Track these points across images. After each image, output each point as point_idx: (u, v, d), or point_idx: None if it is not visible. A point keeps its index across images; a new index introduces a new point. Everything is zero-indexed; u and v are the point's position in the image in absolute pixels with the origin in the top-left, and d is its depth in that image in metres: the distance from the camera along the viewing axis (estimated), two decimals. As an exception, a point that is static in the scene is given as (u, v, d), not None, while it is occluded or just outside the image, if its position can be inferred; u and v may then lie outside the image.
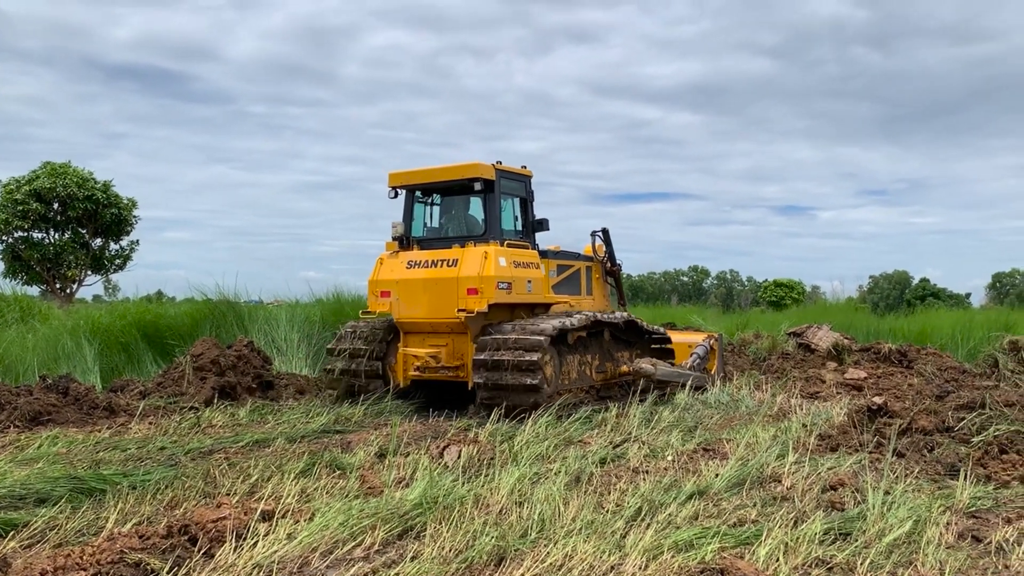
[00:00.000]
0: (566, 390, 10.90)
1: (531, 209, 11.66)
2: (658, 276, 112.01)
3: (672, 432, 8.79)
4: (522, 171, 11.58)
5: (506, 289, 10.39)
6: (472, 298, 10.18)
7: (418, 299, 10.70)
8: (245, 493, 6.03)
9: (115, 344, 13.84)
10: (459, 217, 11.67)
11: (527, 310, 11.13)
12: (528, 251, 11.17)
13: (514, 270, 10.58)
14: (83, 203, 33.37)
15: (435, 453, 7.49)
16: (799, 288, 55.41)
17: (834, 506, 5.76)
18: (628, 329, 12.38)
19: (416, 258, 10.91)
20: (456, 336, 10.73)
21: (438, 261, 10.66)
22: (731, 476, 6.46)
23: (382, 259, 11.26)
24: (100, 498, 5.85)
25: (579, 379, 11.17)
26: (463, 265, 10.37)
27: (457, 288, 10.31)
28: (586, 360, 11.39)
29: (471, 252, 10.43)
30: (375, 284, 11.09)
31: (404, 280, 10.80)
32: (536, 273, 11.06)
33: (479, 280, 10.16)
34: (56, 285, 34.95)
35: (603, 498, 5.93)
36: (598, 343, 11.73)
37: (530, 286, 10.86)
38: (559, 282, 12.04)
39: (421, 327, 10.92)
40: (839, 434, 8.30)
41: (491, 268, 10.20)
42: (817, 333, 15.88)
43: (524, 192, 11.60)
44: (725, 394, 11.74)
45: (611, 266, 13.34)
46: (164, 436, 8.46)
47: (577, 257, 12.77)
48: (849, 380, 13.49)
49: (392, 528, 5.09)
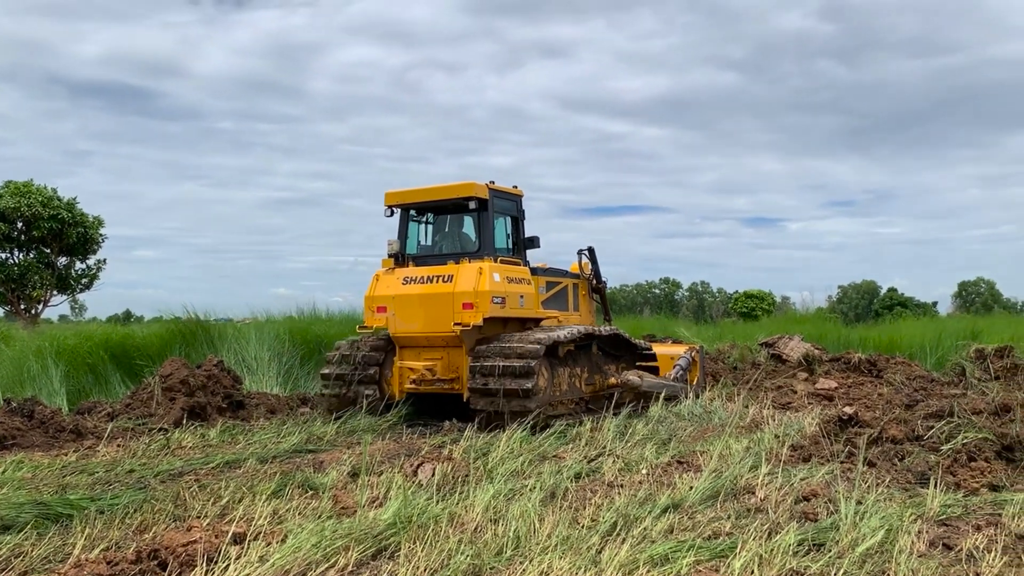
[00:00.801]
0: (557, 401, 11.17)
1: (522, 227, 12.05)
2: (630, 288, 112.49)
3: (646, 445, 8.80)
4: (514, 191, 11.97)
5: (500, 304, 10.73)
6: (468, 312, 10.50)
7: (414, 314, 11.02)
8: (216, 516, 5.94)
9: (82, 365, 13.62)
10: (453, 235, 11.98)
11: (519, 325, 11.41)
12: (520, 268, 11.55)
13: (507, 285, 10.93)
14: (48, 222, 32.91)
15: (409, 471, 7.44)
16: (769, 299, 55.94)
17: (807, 517, 5.79)
18: (615, 343, 12.68)
19: (412, 274, 11.24)
20: (451, 349, 11.02)
21: (434, 277, 11.00)
22: (705, 488, 6.48)
23: (378, 275, 11.55)
24: (67, 523, 5.74)
25: (569, 391, 11.47)
26: (458, 280, 10.70)
27: (453, 302, 10.63)
28: (576, 372, 11.71)
29: (466, 268, 10.78)
30: (372, 300, 11.38)
31: (400, 295, 11.12)
32: (528, 289, 11.43)
33: (474, 295, 10.50)
34: (21, 306, 34.38)
35: (578, 513, 5.92)
36: (587, 356, 12.05)
37: (522, 301, 11.24)
38: (548, 298, 12.44)
39: (417, 341, 11.23)
40: (811, 444, 8.36)
41: (486, 283, 10.56)
42: (788, 344, 16.01)
43: (516, 211, 11.98)
44: (698, 406, 11.78)
45: (597, 283, 13.69)
46: (133, 459, 8.33)
47: (565, 274, 13.16)
48: (820, 390, 13.61)
49: (366, 548, 5.03)
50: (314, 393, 13.71)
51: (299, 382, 15.04)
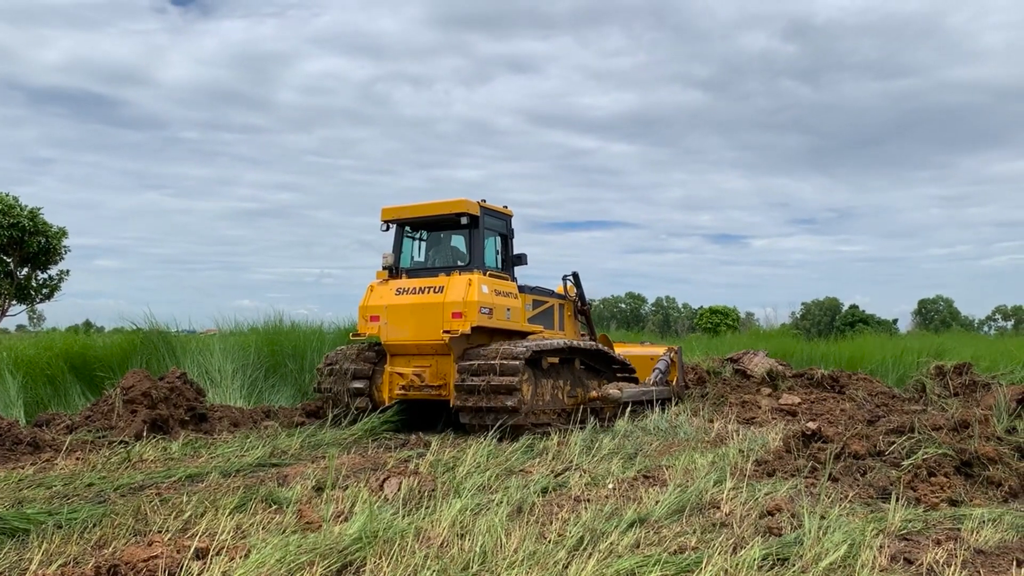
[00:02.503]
0: (540, 411, 11.48)
1: (511, 245, 12.69)
2: (597, 303, 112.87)
3: (613, 460, 8.82)
4: (504, 210, 12.63)
5: (487, 314, 11.27)
6: (457, 321, 11.04)
7: (405, 322, 11.60)
8: (178, 530, 5.84)
9: (40, 376, 13.36)
10: (445, 249, 12.61)
11: (506, 337, 11.84)
12: (508, 282, 12.17)
13: (495, 298, 11.49)
14: (7, 231, 32.29)
15: (375, 486, 7.38)
16: (734, 315, 56.44)
17: (772, 531, 5.83)
18: (597, 358, 13.20)
19: (404, 285, 11.85)
20: (440, 357, 11.56)
21: (425, 288, 11.60)
22: (671, 503, 6.50)
23: (372, 286, 12.17)
24: (23, 539, 5.61)
25: (552, 402, 11.89)
26: (449, 291, 11.29)
27: (443, 312, 11.20)
28: (559, 385, 12.16)
29: (456, 279, 11.39)
30: (365, 309, 11.99)
31: (393, 305, 11.73)
32: (515, 303, 12.00)
33: (464, 304, 11.05)
34: (-23, 315, 33.64)
35: (545, 528, 5.91)
36: (569, 370, 12.54)
37: (509, 314, 11.78)
38: (534, 315, 12.94)
39: (407, 349, 11.78)
40: (775, 459, 8.44)
41: (475, 293, 11.12)
42: (753, 359, 16.14)
43: (505, 229, 12.64)
44: (664, 420, 11.85)
45: (582, 305, 14.28)
46: (92, 472, 8.17)
47: (552, 294, 13.76)
48: (784, 405, 13.74)
49: (331, 564, 4.97)
50: (278, 406, 13.59)
51: (263, 395, 14.87)
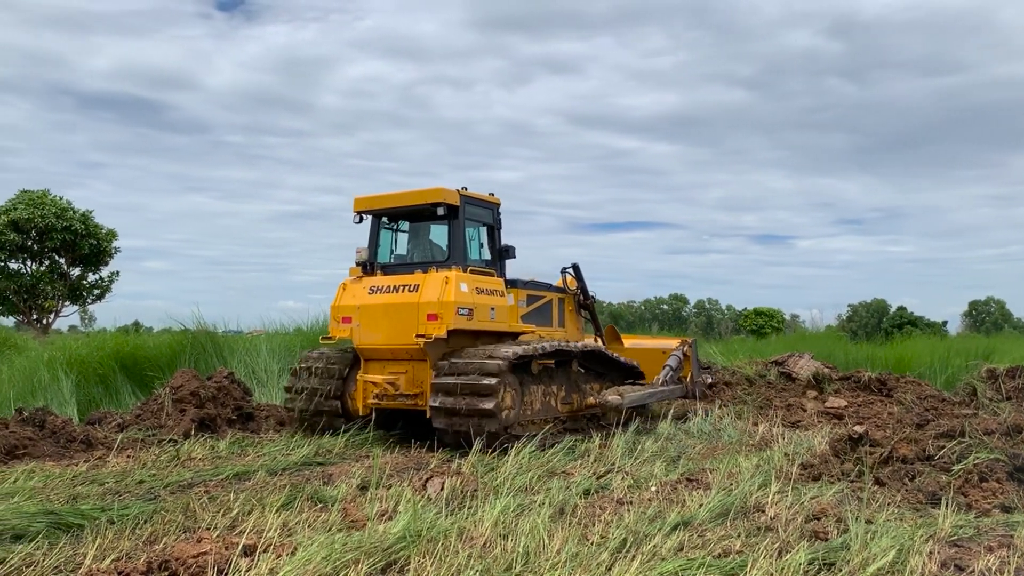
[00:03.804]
0: (528, 421, 10.50)
1: (498, 237, 11.52)
2: (638, 304, 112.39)
3: (655, 462, 8.78)
4: (489, 198, 11.44)
5: (466, 315, 10.19)
6: (432, 324, 9.99)
7: (378, 325, 10.52)
8: (226, 527, 5.95)
9: (93, 376, 13.68)
10: (423, 243, 11.50)
11: (494, 339, 10.77)
12: (493, 279, 10.97)
13: (476, 297, 10.37)
14: (61, 233, 33.13)
15: (418, 485, 7.45)
16: (779, 317, 55.77)
17: (817, 536, 5.77)
18: (596, 360, 12.06)
19: (378, 283, 10.77)
20: (416, 363, 10.53)
21: (399, 286, 10.51)
22: (715, 506, 6.46)
23: (345, 284, 11.13)
24: (78, 533, 5.76)
25: (543, 410, 10.87)
26: (424, 290, 10.20)
27: (417, 313, 10.13)
28: (551, 391, 11.11)
29: (432, 277, 10.27)
30: (337, 310, 10.96)
31: (365, 306, 10.65)
32: (500, 301, 10.83)
33: (439, 305, 9.99)
34: (32, 316, 34.55)
35: (588, 530, 5.91)
36: (565, 373, 11.47)
37: (493, 314, 10.63)
38: (529, 312, 11.86)
39: (381, 353, 10.75)
40: (821, 463, 8.33)
41: (451, 293, 10.03)
42: (799, 362, 15.96)
43: (491, 219, 11.48)
44: (707, 423, 11.76)
45: (584, 299, 13.12)
46: (143, 469, 8.35)
47: (549, 288, 12.56)
48: (830, 409, 13.57)
49: (376, 562, 5.03)
50: None
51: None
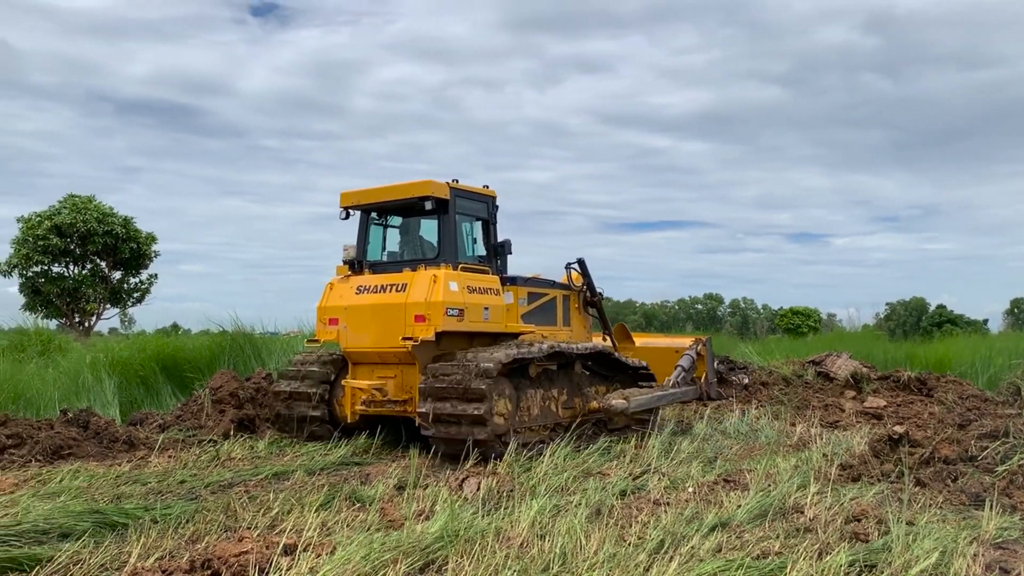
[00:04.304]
0: (526, 428, 9.79)
1: (494, 232, 10.89)
2: (672, 304, 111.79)
3: (692, 463, 8.75)
4: (483, 191, 10.85)
5: (457, 316, 9.56)
6: (419, 325, 9.40)
7: (366, 326, 9.94)
8: (266, 527, 6.04)
9: (134, 377, 13.90)
10: (413, 240, 10.88)
11: (490, 341, 10.08)
12: (487, 276, 10.31)
13: (467, 296, 9.73)
14: (103, 238, 33.73)
15: (454, 485, 7.49)
16: (815, 316, 55.13)
17: (858, 537, 5.71)
18: (599, 361, 11.30)
19: (366, 283, 10.16)
20: (405, 367, 9.92)
21: (387, 286, 9.91)
22: (753, 507, 6.42)
23: (332, 284, 10.53)
24: (122, 532, 5.87)
25: (542, 416, 10.15)
26: (412, 290, 9.61)
27: (405, 314, 9.53)
28: (551, 395, 10.40)
29: (420, 276, 9.68)
30: (323, 311, 10.38)
31: (352, 307, 10.07)
32: (495, 300, 10.15)
33: (426, 306, 9.39)
34: (75, 318, 35.22)
35: (625, 531, 5.90)
36: (567, 376, 10.74)
37: (487, 314, 9.96)
38: (530, 311, 11.17)
39: (369, 357, 10.16)
40: (860, 464, 8.23)
41: (440, 293, 9.42)
42: (836, 361, 15.80)
43: (486, 213, 10.84)
44: (744, 424, 11.68)
45: (591, 296, 12.35)
46: (184, 469, 8.48)
47: (552, 285, 11.82)
48: (868, 408, 13.42)
49: (414, 562, 5.07)
50: None
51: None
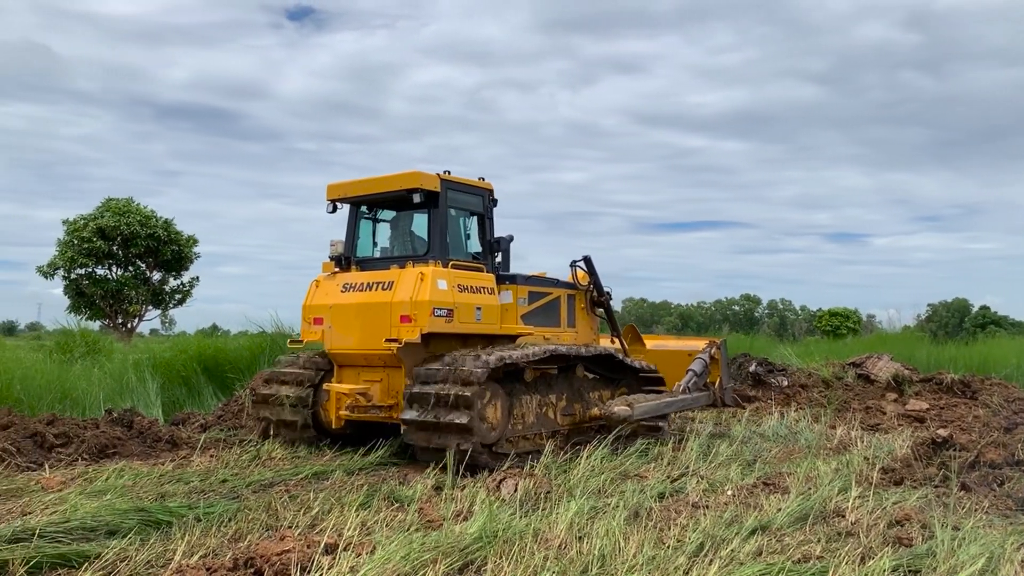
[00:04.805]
0: (519, 436, 9.28)
1: (490, 227, 10.30)
2: (708, 305, 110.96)
3: (731, 466, 8.69)
4: (479, 183, 10.25)
5: (445, 316, 9.04)
6: (405, 326, 8.90)
7: (351, 327, 9.45)
8: (307, 526, 6.11)
9: (176, 378, 14.14)
10: (403, 235, 10.36)
11: (485, 342, 9.54)
12: (481, 274, 9.77)
13: (458, 295, 9.21)
14: (145, 240, 34.34)
15: (492, 486, 7.51)
16: (855, 317, 54.31)
17: (901, 542, 5.63)
18: (604, 364, 10.72)
19: (353, 280, 9.69)
20: (392, 371, 9.42)
21: (374, 284, 9.43)
22: (793, 510, 6.37)
23: (318, 281, 10.06)
24: (167, 530, 5.97)
25: (538, 423, 9.63)
26: (398, 288, 9.12)
27: (390, 314, 9.04)
28: (549, 401, 9.85)
29: (407, 274, 9.18)
30: (308, 310, 9.92)
31: (338, 305, 9.61)
32: (489, 300, 9.60)
33: (412, 305, 8.88)
34: (118, 320, 35.88)
35: (663, 533, 5.88)
36: (567, 381, 10.19)
37: (479, 314, 9.42)
38: (531, 312, 10.57)
39: (354, 359, 9.68)
40: (903, 467, 8.13)
41: (426, 292, 8.91)
42: (877, 363, 15.61)
43: (481, 207, 10.26)
44: (783, 426, 11.58)
45: (598, 296, 11.66)
46: (225, 469, 8.60)
47: (556, 284, 11.17)
48: (911, 411, 13.23)
49: (453, 562, 5.10)
50: None
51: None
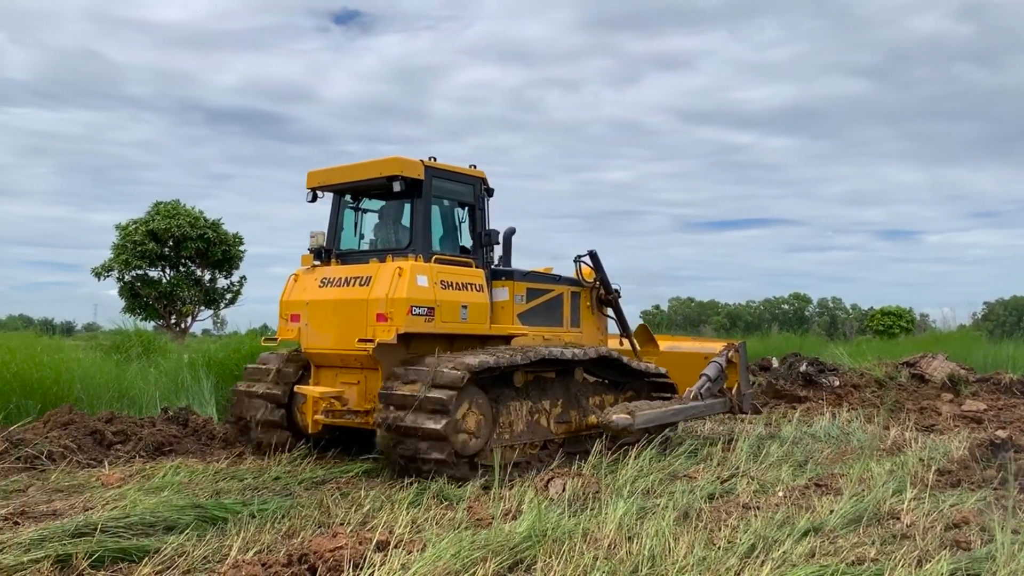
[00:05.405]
0: (506, 445, 8.62)
1: (483, 219, 9.58)
2: (757, 304, 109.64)
3: (781, 467, 8.60)
4: (469, 171, 9.54)
5: (425, 315, 8.39)
6: (381, 326, 8.29)
7: (327, 325, 8.89)
8: (358, 523, 6.20)
9: (229, 377, 14.34)
10: (388, 226, 9.69)
11: (475, 343, 8.94)
12: (468, 270, 9.09)
13: (440, 292, 8.54)
14: (196, 242, 35.05)
15: (540, 485, 7.53)
16: (908, 316, 53.23)
17: (959, 545, 5.53)
18: (606, 367, 9.97)
19: (331, 275, 9.08)
20: (370, 373, 8.78)
21: (351, 279, 8.83)
22: (846, 512, 6.29)
23: (297, 275, 9.50)
24: (222, 526, 6.09)
25: (529, 432, 8.94)
26: (375, 284, 8.50)
27: (367, 312, 8.44)
28: (541, 407, 9.14)
29: (385, 268, 8.57)
30: (285, 305, 9.36)
31: (314, 302, 9.03)
32: (476, 297, 8.95)
33: (388, 303, 8.27)
34: (172, 320, 36.65)
35: (714, 534, 5.85)
36: (564, 386, 9.48)
37: (465, 313, 8.78)
38: (529, 310, 9.85)
39: (331, 360, 9.08)
40: (960, 469, 7.98)
41: (403, 288, 8.27)
42: (932, 363, 15.31)
43: (471, 197, 9.54)
44: (835, 427, 11.42)
45: (606, 294, 10.80)
46: (278, 466, 8.73)
47: (557, 280, 10.37)
48: (967, 412, 12.96)
49: (503, 560, 5.13)
50: None
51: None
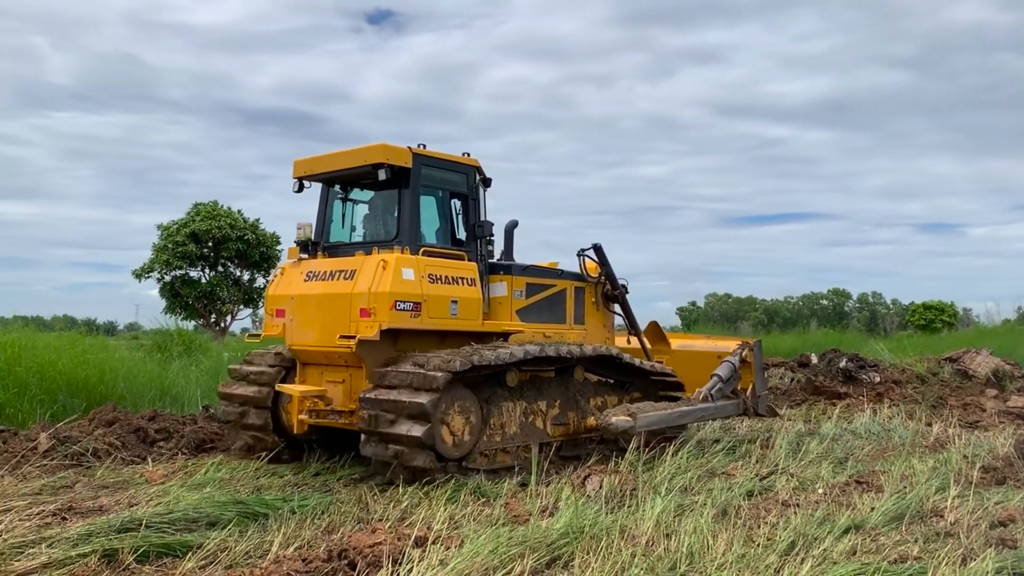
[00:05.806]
0: (497, 449, 8.31)
1: (478, 210, 9.21)
2: (795, 300, 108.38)
3: (821, 464, 8.51)
4: (462, 159, 9.15)
5: (411, 311, 8.03)
6: (364, 321, 7.93)
7: (312, 320, 8.53)
8: (397, 519, 6.26)
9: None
10: (376, 217, 9.34)
11: (473, 341, 8.50)
12: (459, 263, 8.70)
13: (428, 286, 8.18)
14: (235, 243, 35.54)
15: (577, 482, 7.53)
16: (950, 311, 52.27)
17: (1005, 544, 5.43)
18: (607, 366, 9.54)
19: (317, 268, 8.74)
20: (355, 371, 8.43)
21: (337, 272, 8.47)
22: (888, 510, 6.21)
23: (284, 269, 9.19)
24: (264, 522, 6.19)
25: (523, 434, 8.55)
26: (359, 278, 8.16)
27: (351, 307, 8.10)
28: (537, 408, 8.75)
29: (370, 261, 8.22)
30: (270, 300, 9.07)
31: (299, 296, 8.70)
32: (468, 292, 8.58)
33: (371, 297, 7.91)
34: (212, 319, 37.19)
35: (753, 531, 5.81)
36: (562, 386, 9.10)
37: (455, 308, 8.44)
38: (529, 306, 9.49)
39: (315, 357, 8.71)
40: (1005, 466, 7.84)
41: (387, 283, 7.91)
42: (975, 358, 15.05)
43: (465, 187, 9.16)
44: (876, 423, 11.26)
45: (612, 289, 10.42)
46: (317, 463, 8.84)
47: (560, 275, 9.99)
48: (1013, 408, 12.73)
49: (540, 557, 5.14)
50: None
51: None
